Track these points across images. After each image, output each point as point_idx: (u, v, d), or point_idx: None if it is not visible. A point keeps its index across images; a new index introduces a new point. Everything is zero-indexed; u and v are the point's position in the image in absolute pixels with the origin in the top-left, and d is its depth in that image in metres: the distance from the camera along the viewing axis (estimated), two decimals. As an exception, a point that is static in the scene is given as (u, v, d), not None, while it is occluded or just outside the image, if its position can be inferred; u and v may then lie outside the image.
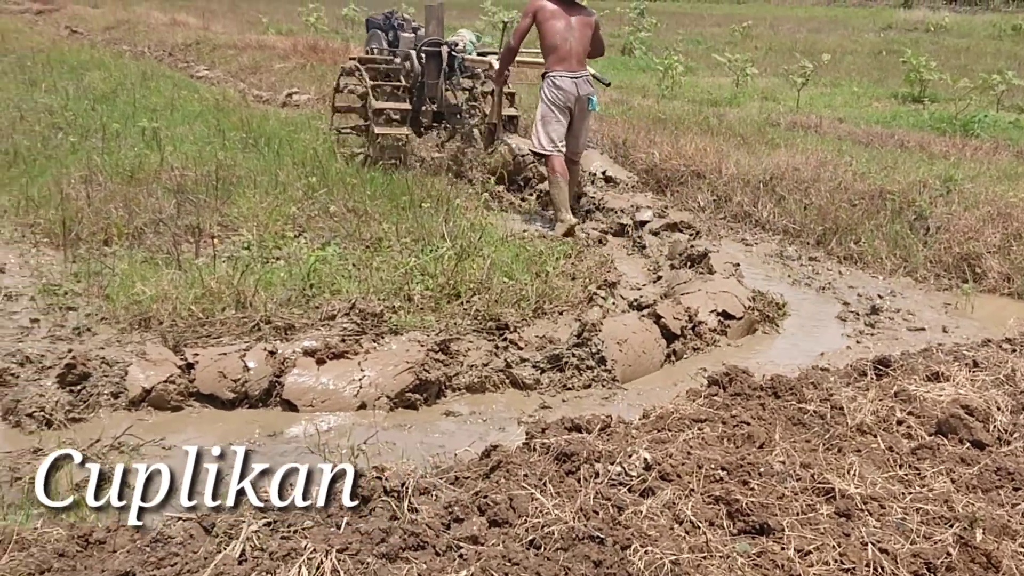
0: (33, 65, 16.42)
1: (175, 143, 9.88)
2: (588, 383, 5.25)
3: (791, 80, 15.62)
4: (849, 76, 18.51)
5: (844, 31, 30.57)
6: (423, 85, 9.68)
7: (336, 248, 6.85)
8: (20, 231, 7.35)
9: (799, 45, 24.37)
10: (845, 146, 10.89)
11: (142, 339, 5.42)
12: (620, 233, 8.27)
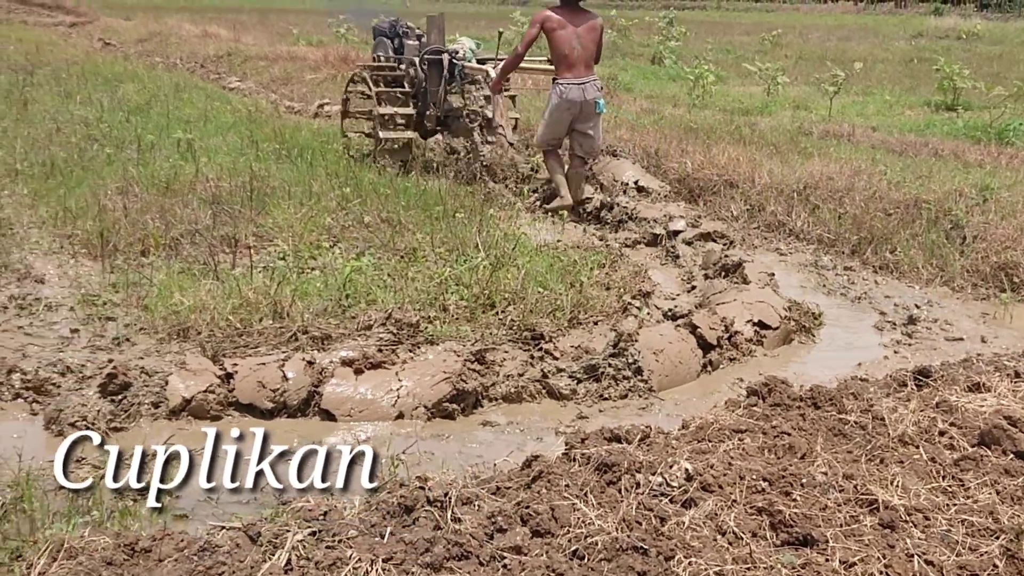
0: (68, 77, 16.58)
1: (209, 154, 9.95)
2: (624, 393, 5.25)
3: (823, 89, 15.57)
4: (881, 84, 18.44)
5: (874, 39, 30.47)
6: (427, 91, 10.12)
7: (371, 258, 6.89)
8: (59, 242, 7.42)
9: (829, 53, 24.30)
10: (879, 155, 10.85)
11: (181, 349, 5.47)
12: (653, 243, 8.27)
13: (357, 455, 4.01)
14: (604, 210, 9.05)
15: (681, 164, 9.99)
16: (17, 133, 11.21)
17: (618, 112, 13.14)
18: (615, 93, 15.62)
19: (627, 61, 22.59)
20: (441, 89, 10.04)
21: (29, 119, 12.24)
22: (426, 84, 10.10)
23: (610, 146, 10.38)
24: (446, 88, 10.07)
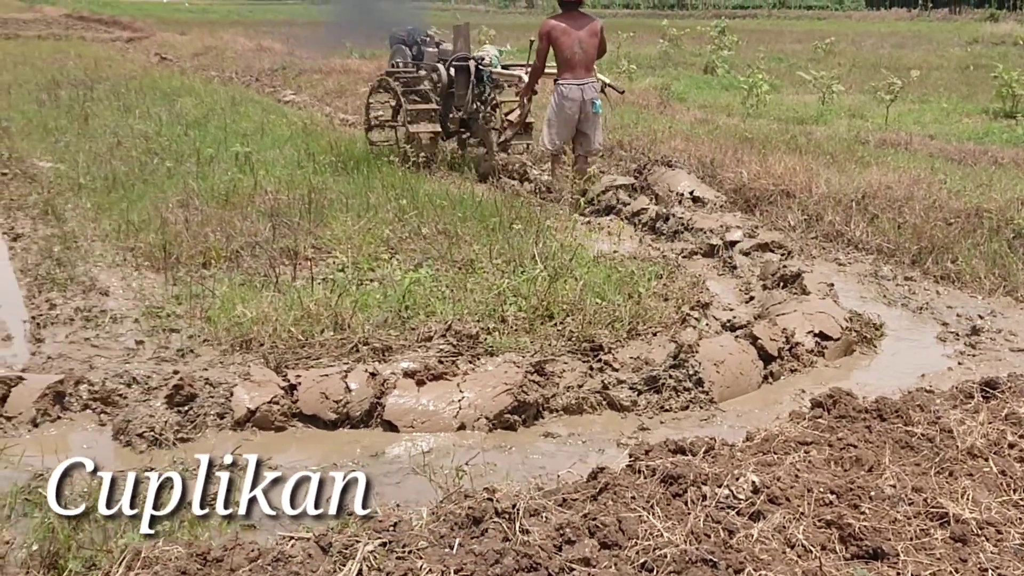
0: (126, 92, 16.86)
1: (267, 167, 10.06)
2: (685, 405, 5.24)
3: (878, 97, 15.42)
4: (937, 92, 18.23)
5: (929, 46, 30.16)
6: (451, 94, 10.83)
7: (428, 270, 6.92)
8: (122, 255, 7.54)
9: (883, 61, 24.09)
10: (937, 163, 10.74)
11: (244, 360, 5.53)
12: (710, 253, 8.23)
13: (350, 481, 4.07)
14: (660, 221, 9.03)
15: (737, 174, 9.94)
16: (79, 147, 11.43)
17: (672, 122, 13.11)
18: (668, 103, 15.59)
19: (679, 71, 22.51)
20: (469, 93, 10.73)
21: (90, 133, 12.46)
22: (453, 88, 10.77)
23: (665, 156, 10.38)
24: (472, 92, 10.72)
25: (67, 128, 12.95)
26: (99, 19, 50.60)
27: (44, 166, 10.72)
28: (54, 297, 6.59)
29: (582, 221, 8.90)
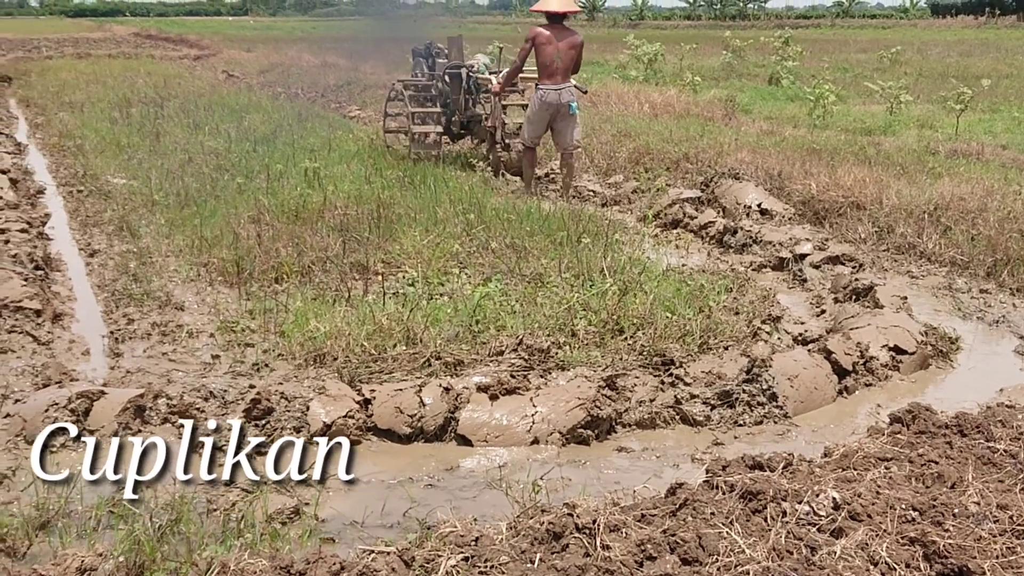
0: (196, 109, 17.14)
1: (335, 182, 10.15)
2: (760, 419, 5.20)
3: (948, 106, 15.21)
4: (1008, 101, 17.94)
5: (997, 54, 29.73)
6: (452, 101, 11.99)
7: (498, 284, 6.95)
8: (195, 270, 7.66)
9: (951, 70, 23.77)
10: (1011, 174, 10.56)
11: (318, 375, 5.59)
12: (779, 267, 8.17)
13: (334, 447, 4.26)
14: (727, 234, 8.99)
15: (805, 186, 9.85)
16: (152, 164, 11.64)
17: (738, 134, 13.04)
18: (733, 115, 15.51)
19: (743, 82, 22.40)
20: (461, 98, 11.91)
21: (162, 150, 12.70)
22: (449, 95, 11.96)
23: (731, 169, 10.33)
24: (466, 97, 11.90)
25: (139, 145, 13.21)
26: (167, 37, 51.67)
27: (118, 183, 10.94)
28: (131, 312, 6.71)
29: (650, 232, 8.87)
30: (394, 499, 4.27)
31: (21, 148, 14.40)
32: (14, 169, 11.71)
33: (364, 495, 4.34)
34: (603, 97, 17.33)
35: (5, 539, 3.66)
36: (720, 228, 9.14)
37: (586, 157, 12.36)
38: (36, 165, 12.89)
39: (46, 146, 14.55)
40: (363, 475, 4.54)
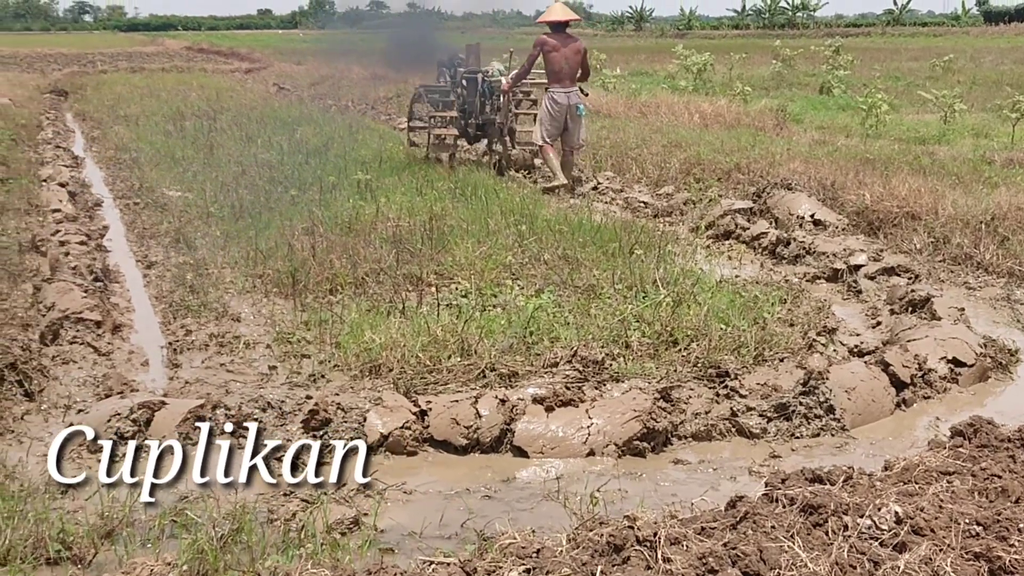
0: (248, 122, 17.34)
1: (387, 194, 10.23)
2: (817, 432, 5.17)
3: (1003, 115, 15.01)
4: (1064, 109, 17.66)
5: (1052, 61, 29.28)
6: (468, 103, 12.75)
7: (551, 295, 6.96)
8: (251, 281, 7.74)
9: (1005, 78, 23.45)
10: (1070, 183, 10.40)
11: (374, 386, 5.63)
12: (833, 278, 8.11)
13: (351, 450, 4.33)
14: (780, 245, 8.94)
15: (859, 196, 9.77)
16: (206, 177, 11.80)
17: (789, 144, 12.96)
18: (784, 125, 15.42)
19: (794, 92, 22.26)
20: (477, 100, 12.65)
21: (216, 163, 12.86)
22: (466, 99, 12.73)
23: (784, 179, 10.27)
24: (481, 100, 12.63)
25: (193, 158, 13.39)
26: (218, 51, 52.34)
27: (173, 195, 11.08)
28: (189, 323, 6.79)
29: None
30: (451, 510, 4.29)
31: (78, 161, 14.66)
32: (72, 182, 11.92)
33: (422, 506, 4.37)
34: (652, 108, 17.29)
35: (72, 547, 3.72)
36: (773, 239, 9.09)
37: (636, 168, 12.36)
38: (93, 178, 13.12)
39: (102, 159, 14.79)
40: (420, 486, 4.58)
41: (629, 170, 12.44)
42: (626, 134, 14.38)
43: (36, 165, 13.59)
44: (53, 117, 20.72)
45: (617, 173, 12.46)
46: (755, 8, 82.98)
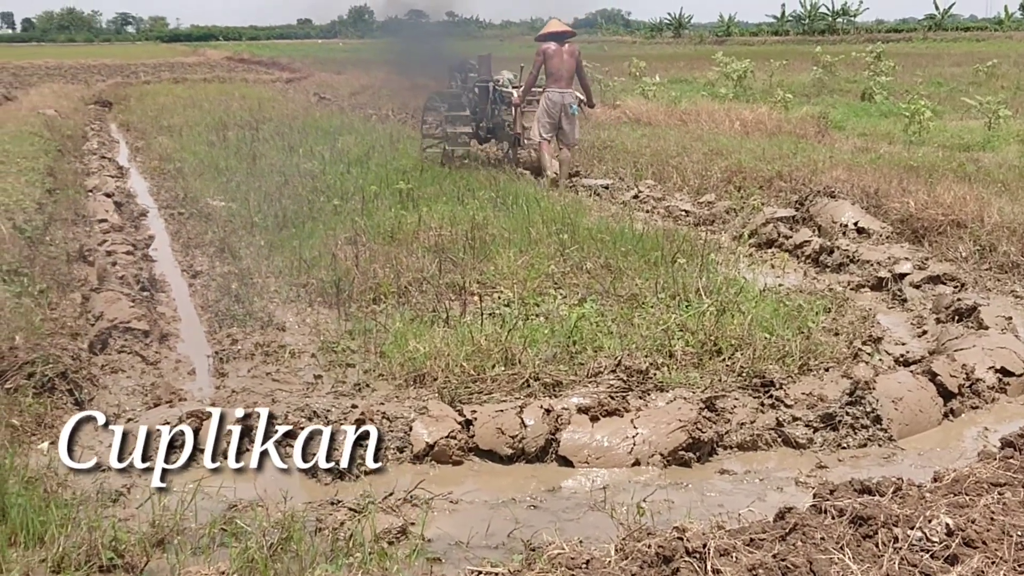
0: (290, 131, 17.48)
1: (428, 203, 10.26)
2: (863, 442, 5.14)
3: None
4: (1111, 114, 17.45)
5: (1098, 65, 28.91)
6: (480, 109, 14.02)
7: (593, 304, 6.96)
8: (295, 291, 7.79)
9: (1050, 83, 23.20)
10: (1118, 190, 10.26)
11: (418, 395, 5.64)
12: (877, 287, 8.05)
13: (362, 435, 4.47)
14: (824, 253, 8.89)
15: (903, 204, 9.69)
16: (249, 186, 11.90)
17: (832, 152, 12.88)
18: (826, 132, 15.33)
19: (835, 98, 22.13)
20: (488, 107, 13.96)
21: (258, 172, 12.97)
22: (478, 104, 13.97)
23: (827, 187, 10.21)
24: (492, 107, 13.93)
25: (236, 168, 13.51)
26: (259, 61, 52.79)
27: (217, 205, 11.18)
28: (234, 332, 6.85)
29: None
30: (498, 520, 4.30)
31: (123, 171, 14.84)
32: (118, 192, 12.08)
33: (468, 515, 4.38)
34: (693, 115, 17.24)
35: (124, 555, 3.76)
36: (816, 247, 9.04)
37: (678, 176, 12.32)
38: (138, 188, 13.27)
39: (147, 169, 14.96)
40: (466, 495, 4.59)
41: (670, 178, 12.40)
42: (666, 142, 14.34)
43: (82, 176, 13.79)
44: (98, 128, 21.01)
45: (658, 181, 12.43)
46: (795, 14, 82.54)
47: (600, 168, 13.62)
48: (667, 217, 10.78)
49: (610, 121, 17.53)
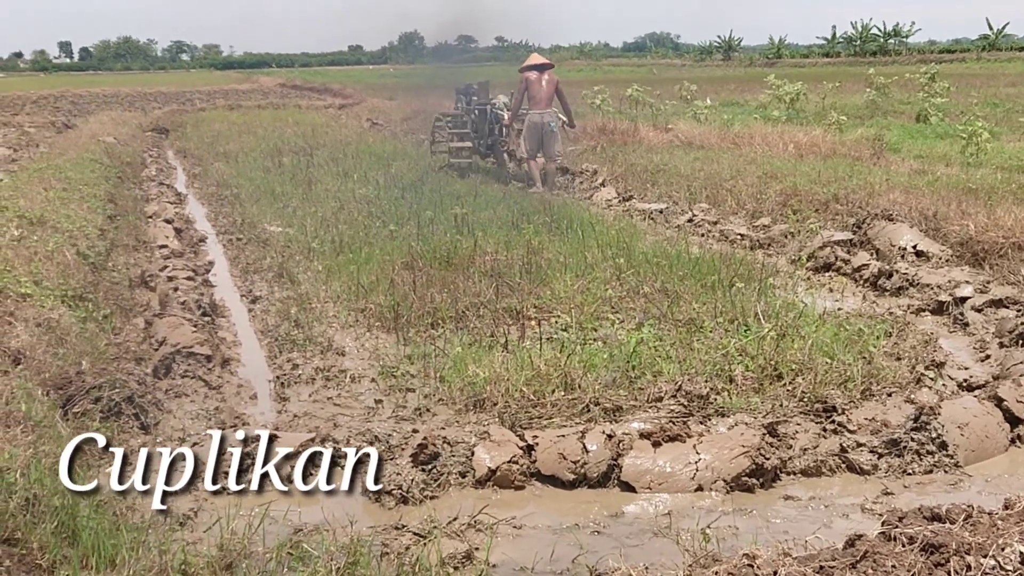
0: (344, 157, 17.66)
1: (483, 228, 10.31)
2: (929, 468, 5.08)
3: (1110, 141, 14.60)
4: None
5: None
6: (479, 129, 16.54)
7: (651, 329, 6.94)
8: (354, 315, 7.85)
9: (1111, 101, 22.85)
10: None
11: (478, 420, 5.67)
12: (938, 310, 7.96)
13: (362, 457, 4.43)
14: (883, 277, 8.82)
15: (962, 227, 9.58)
16: (306, 212, 12.04)
17: (888, 174, 12.76)
18: (882, 154, 15.20)
19: (889, 120, 21.95)
20: (485, 127, 16.47)
21: (314, 198, 13.11)
22: (476, 124, 16.47)
23: (884, 210, 10.13)
24: (489, 127, 16.40)
25: (292, 193, 13.67)
26: (311, 87, 53.34)
27: (274, 230, 11.31)
28: (295, 357, 6.92)
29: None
30: (562, 545, 4.30)
31: (181, 197, 15.09)
32: (177, 218, 12.25)
33: (532, 540, 4.39)
34: (746, 139, 17.15)
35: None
36: (875, 271, 8.96)
37: (732, 200, 12.27)
38: (196, 214, 13.46)
39: (204, 195, 15.17)
40: (529, 520, 4.60)
41: (724, 202, 12.35)
42: (720, 165, 14.29)
43: (141, 202, 14.03)
44: (155, 154, 21.37)
45: (712, 205, 12.38)
46: (846, 35, 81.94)
47: (654, 191, 13.62)
48: (722, 240, 10.75)
49: (662, 145, 17.50)
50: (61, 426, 5.01)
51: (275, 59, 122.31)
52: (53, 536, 3.84)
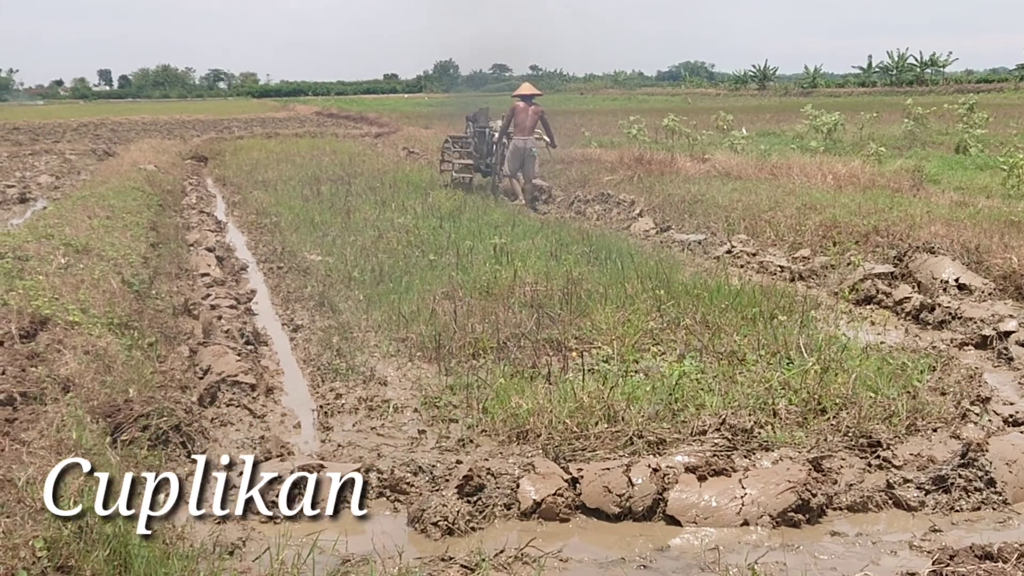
0: (381, 186, 17.79)
1: (522, 258, 10.34)
2: (977, 506, 5.03)
3: None
4: None
5: None
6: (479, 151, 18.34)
7: (693, 361, 6.94)
8: (395, 345, 7.89)
9: None
10: None
11: (522, 451, 5.67)
12: (982, 345, 7.90)
13: (347, 482, 4.41)
14: (925, 310, 8.76)
15: (1005, 260, 9.52)
16: (345, 241, 12.12)
17: (928, 206, 12.69)
18: (921, 186, 15.12)
19: (928, 151, 21.85)
20: (484, 148, 18.20)
21: (353, 227, 13.20)
22: (477, 146, 18.35)
23: (926, 242, 10.09)
24: (488, 148, 18.10)
25: (331, 222, 13.76)
26: (347, 115, 53.80)
27: (314, 259, 11.39)
28: (337, 387, 6.96)
29: None
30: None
31: (221, 226, 15.22)
32: (218, 247, 12.36)
33: (578, 574, 4.40)
34: (784, 169, 17.07)
35: (243, 608, 3.83)
36: (917, 304, 8.90)
37: (771, 231, 12.25)
38: (236, 242, 13.56)
39: (244, 223, 15.29)
40: (575, 554, 4.60)
41: (763, 233, 12.32)
42: (758, 196, 14.26)
43: (183, 230, 14.18)
44: (195, 183, 21.58)
45: (751, 236, 12.36)
46: (881, 64, 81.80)
47: (691, 222, 13.62)
48: (762, 272, 10.71)
49: (699, 175, 17.48)
50: (111, 454, 5.06)
51: (311, 87, 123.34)
52: (106, 564, 3.88)
